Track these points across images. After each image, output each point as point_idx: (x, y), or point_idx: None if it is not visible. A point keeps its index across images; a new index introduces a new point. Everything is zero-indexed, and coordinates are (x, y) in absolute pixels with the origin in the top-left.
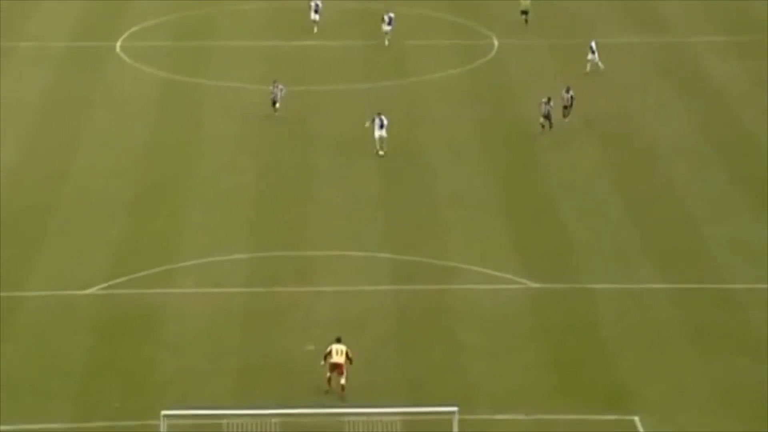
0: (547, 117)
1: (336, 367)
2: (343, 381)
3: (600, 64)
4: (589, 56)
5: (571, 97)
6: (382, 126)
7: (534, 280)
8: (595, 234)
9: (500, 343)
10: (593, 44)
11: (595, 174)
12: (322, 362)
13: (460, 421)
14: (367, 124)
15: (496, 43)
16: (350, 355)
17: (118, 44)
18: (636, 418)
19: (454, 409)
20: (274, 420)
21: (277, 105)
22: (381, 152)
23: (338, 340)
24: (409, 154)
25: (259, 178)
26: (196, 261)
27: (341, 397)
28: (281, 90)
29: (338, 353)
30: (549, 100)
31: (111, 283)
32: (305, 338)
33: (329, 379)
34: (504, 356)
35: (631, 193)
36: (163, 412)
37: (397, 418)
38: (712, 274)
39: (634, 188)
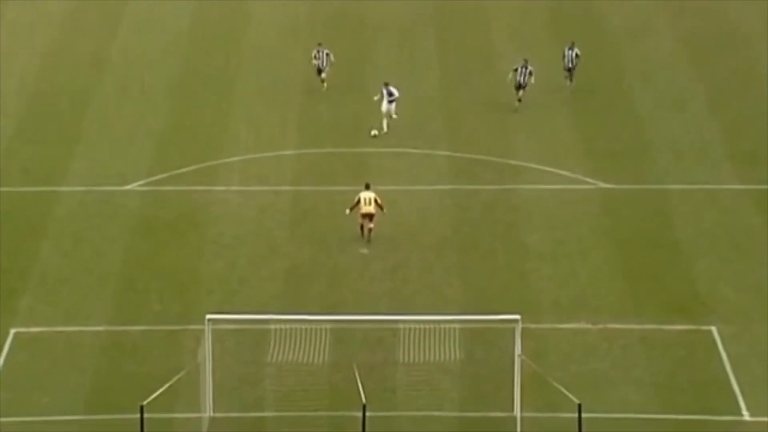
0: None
1: (367, 216)
2: (371, 225)
3: None
4: None
5: (576, 55)
6: (392, 99)
7: (605, 179)
8: (673, 130)
9: (567, 247)
10: None
11: (674, 64)
12: (348, 211)
13: (523, 330)
14: (376, 98)
15: None
16: (379, 201)
17: None
18: (713, 329)
19: (516, 317)
20: (324, 326)
21: (323, 75)
22: (384, 130)
23: (367, 187)
24: (473, 47)
25: (308, 69)
26: (241, 157)
27: (368, 239)
28: (327, 55)
29: (367, 202)
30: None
31: (151, 179)
32: (358, 241)
33: (362, 227)
34: (570, 261)
35: (713, 84)
36: (208, 316)
37: (455, 326)
38: None
39: (718, 78)
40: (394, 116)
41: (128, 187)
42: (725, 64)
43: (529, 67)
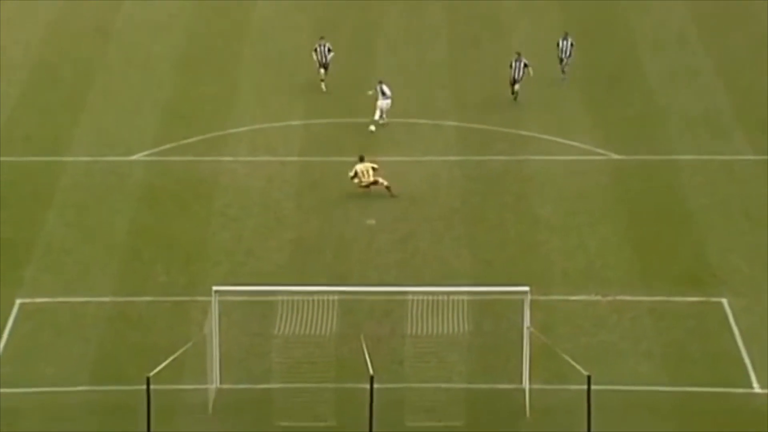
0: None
1: (370, 185)
2: (386, 183)
3: None
4: None
5: (571, 44)
6: (384, 95)
7: (616, 150)
8: (684, 100)
9: (577, 219)
10: None
11: (685, 32)
12: (351, 174)
13: (532, 302)
14: (370, 93)
15: None
16: (376, 167)
17: None
18: (724, 301)
19: (525, 289)
20: (331, 297)
21: (323, 72)
22: (377, 125)
23: (361, 159)
24: (482, 16)
25: (316, 37)
26: (248, 127)
27: (391, 194)
28: (329, 51)
29: (365, 174)
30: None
31: (157, 149)
32: (365, 211)
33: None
34: (580, 232)
35: (725, 52)
36: (214, 288)
37: (464, 298)
38: None
39: (729, 47)
40: (385, 117)
41: (134, 157)
42: (737, 32)
43: (524, 60)
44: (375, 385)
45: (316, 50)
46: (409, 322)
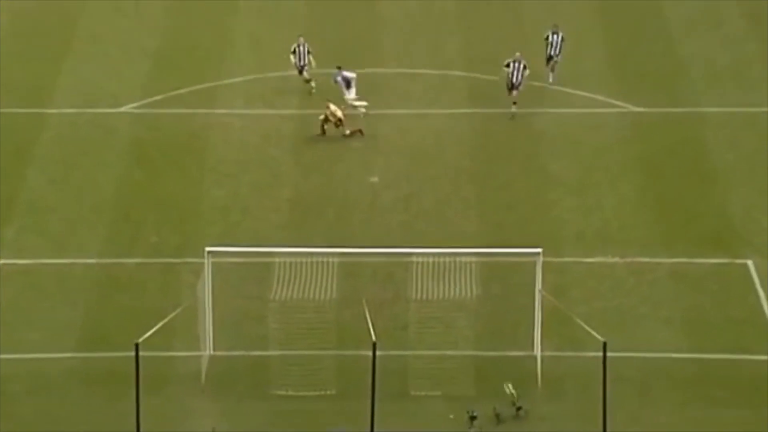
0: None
1: (339, 123)
2: (346, 132)
3: None
4: None
5: (562, 39)
6: (348, 85)
7: (635, 102)
8: (708, 49)
9: (593, 175)
10: None
11: None
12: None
13: (544, 265)
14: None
15: None
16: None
17: None
18: (749, 262)
19: (538, 250)
20: (331, 260)
21: (306, 75)
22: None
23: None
24: None
25: None
26: (243, 77)
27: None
28: (308, 53)
29: (333, 115)
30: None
31: (147, 100)
32: (368, 168)
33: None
34: (597, 191)
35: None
36: (207, 249)
37: (472, 260)
38: None
39: None
40: (363, 109)
41: (122, 109)
42: None
43: (523, 61)
44: (378, 352)
45: (294, 52)
46: (413, 286)
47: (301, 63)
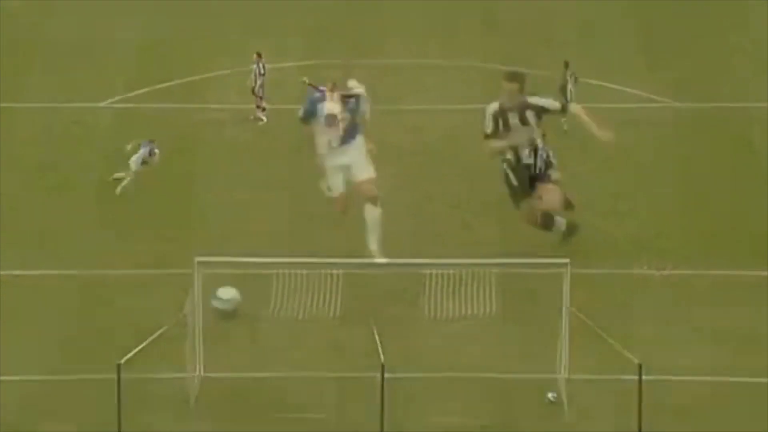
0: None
1: None
2: None
3: None
4: None
5: (575, 80)
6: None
7: (675, 97)
8: (760, 37)
9: (626, 177)
10: None
11: None
12: None
13: (573, 276)
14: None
15: None
16: None
17: None
18: None
19: (565, 261)
20: (336, 272)
21: (261, 104)
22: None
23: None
24: None
25: None
26: (235, 69)
27: None
28: (262, 75)
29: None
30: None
31: (130, 94)
32: (376, 168)
33: None
34: (631, 193)
35: None
36: (197, 259)
37: (493, 270)
38: None
39: None
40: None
41: (102, 104)
42: None
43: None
44: (387, 375)
45: (254, 70)
46: (426, 302)
47: (254, 85)
